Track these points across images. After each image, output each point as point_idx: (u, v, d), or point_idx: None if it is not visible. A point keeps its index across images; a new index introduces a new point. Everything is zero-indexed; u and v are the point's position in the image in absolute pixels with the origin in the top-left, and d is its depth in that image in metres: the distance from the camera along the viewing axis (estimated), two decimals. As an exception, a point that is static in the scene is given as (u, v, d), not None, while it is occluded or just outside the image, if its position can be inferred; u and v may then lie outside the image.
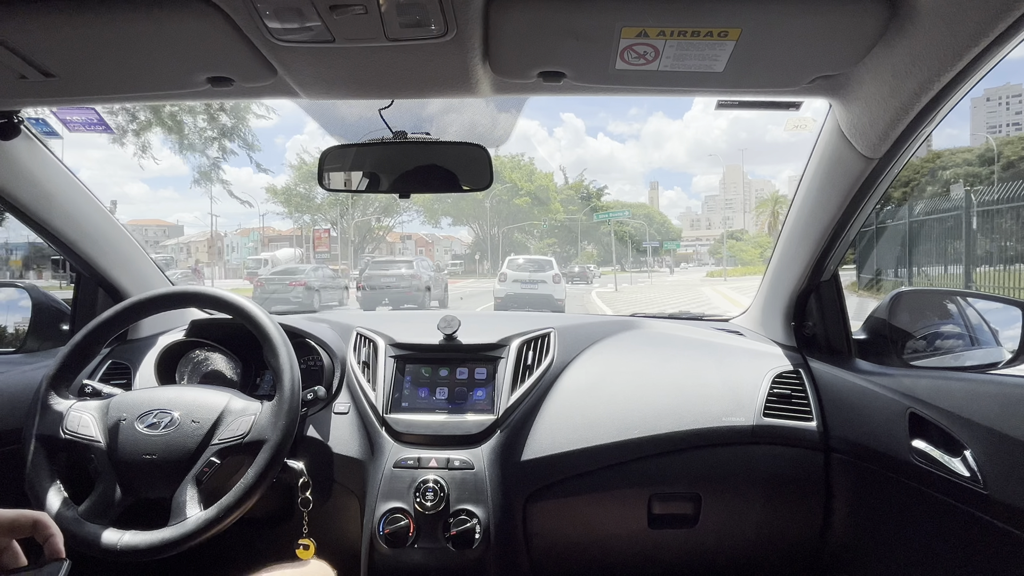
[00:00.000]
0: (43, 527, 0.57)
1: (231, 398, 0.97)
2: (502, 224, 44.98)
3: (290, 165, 39.96)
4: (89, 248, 1.31)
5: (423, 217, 44.59)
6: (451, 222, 46.63)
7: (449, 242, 62.78)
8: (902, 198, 15.61)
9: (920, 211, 10.56)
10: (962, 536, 0.86)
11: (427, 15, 0.70)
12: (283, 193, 35.67)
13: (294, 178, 35.95)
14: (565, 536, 1.17)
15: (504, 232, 45.54)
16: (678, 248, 43.89)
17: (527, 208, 44.26)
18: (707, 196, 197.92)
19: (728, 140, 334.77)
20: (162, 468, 0.91)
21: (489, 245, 45.69)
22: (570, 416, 1.16)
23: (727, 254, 44.45)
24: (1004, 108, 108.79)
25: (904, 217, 10.72)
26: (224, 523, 0.87)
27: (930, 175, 23.63)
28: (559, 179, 50.75)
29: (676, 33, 0.73)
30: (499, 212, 44.57)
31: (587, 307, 13.46)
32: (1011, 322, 0.99)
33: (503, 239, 46.14)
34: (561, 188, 48.40)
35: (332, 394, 1.20)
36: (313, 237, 31.47)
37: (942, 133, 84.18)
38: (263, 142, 15.93)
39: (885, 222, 11.16)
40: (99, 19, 0.72)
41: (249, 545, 1.21)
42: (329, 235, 31.74)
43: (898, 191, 16.85)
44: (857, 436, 1.07)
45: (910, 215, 10.61)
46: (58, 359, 0.99)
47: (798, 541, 1.18)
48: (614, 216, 35.88)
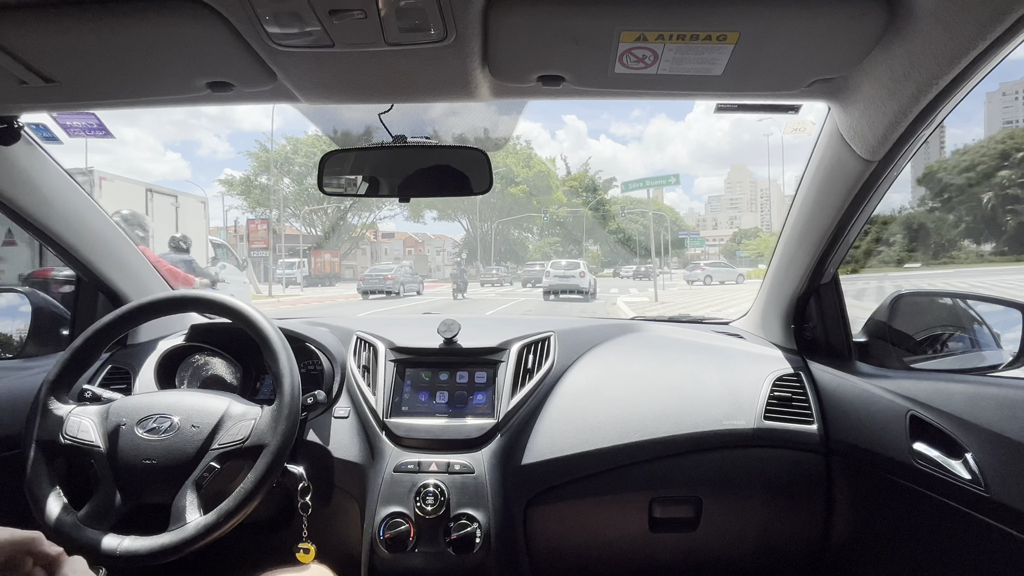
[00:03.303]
0: (40, 555, 0.55)
1: (231, 403, 0.97)
2: (495, 218, 40.32)
3: (248, 153, 36.60)
4: (89, 253, 1.31)
5: (407, 213, 40.79)
6: (436, 217, 42.58)
7: (441, 241, 59.34)
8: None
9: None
10: (963, 538, 0.86)
11: (426, 19, 0.70)
12: (241, 185, 32.23)
13: (254, 168, 32.68)
14: (566, 540, 1.17)
15: (498, 228, 40.96)
16: (703, 245, 40.54)
17: (524, 199, 39.59)
18: (710, 197, 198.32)
19: (731, 142, 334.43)
20: (162, 473, 0.90)
21: (480, 244, 41.19)
22: (570, 420, 1.16)
23: (740, 254, 43.06)
24: (1021, 102, 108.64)
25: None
26: (224, 528, 0.86)
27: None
28: (561, 170, 46.20)
29: (675, 37, 0.73)
30: (491, 204, 39.80)
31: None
32: (1011, 324, 0.99)
33: (498, 237, 41.58)
34: (563, 179, 44.21)
35: (332, 398, 1.20)
36: (248, 230, 25.00)
37: (948, 133, 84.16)
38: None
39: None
40: (99, 25, 0.73)
41: (249, 549, 1.21)
42: (269, 228, 25.33)
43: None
44: (858, 439, 1.07)
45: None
46: (58, 364, 0.99)
47: (799, 544, 1.18)
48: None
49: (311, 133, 35.10)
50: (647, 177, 24.21)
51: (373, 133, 1.09)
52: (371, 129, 1.09)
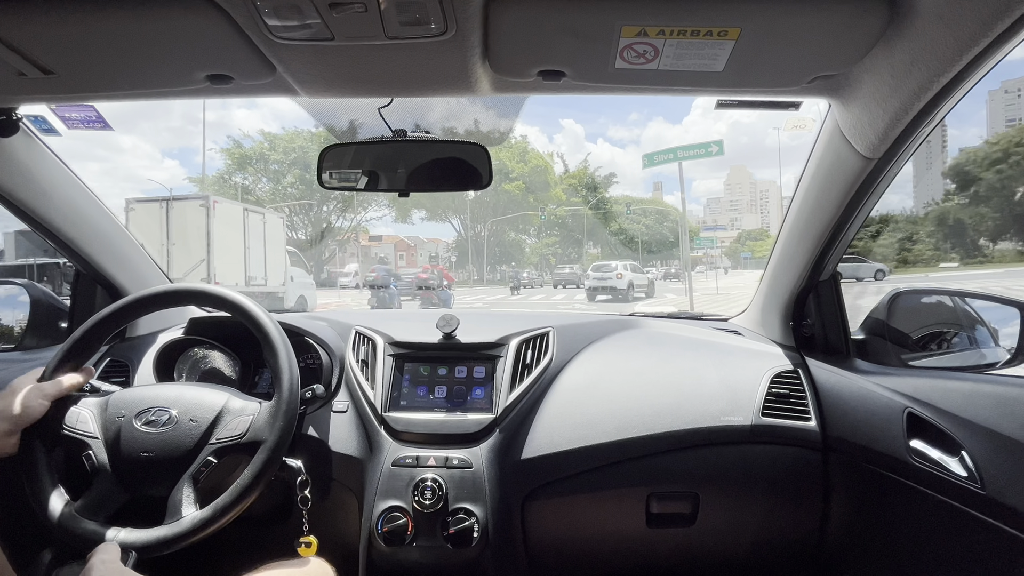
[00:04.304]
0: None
1: (230, 397, 0.97)
2: (489, 217, 37.38)
3: (222, 150, 31.42)
4: (87, 245, 1.31)
5: (394, 214, 37.76)
6: (424, 217, 39.36)
7: (435, 245, 55.70)
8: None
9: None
10: (959, 535, 0.87)
11: (427, 13, 0.70)
12: (214, 184, 28.94)
13: (228, 165, 29.57)
14: (563, 535, 1.18)
15: (492, 229, 38.10)
16: (715, 246, 36.59)
17: (520, 196, 36.63)
18: (709, 199, 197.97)
19: (728, 144, 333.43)
20: (159, 466, 0.90)
21: (472, 246, 38.40)
22: (569, 415, 1.16)
23: (745, 256, 41.08)
24: (1023, 100, 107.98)
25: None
26: (219, 523, 0.86)
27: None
28: (558, 167, 43.53)
29: (676, 32, 0.73)
30: (485, 203, 36.87)
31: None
32: (1009, 322, 1.00)
33: (492, 238, 38.58)
34: (562, 177, 41.59)
35: (331, 392, 1.20)
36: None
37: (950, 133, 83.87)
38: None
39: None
40: (98, 16, 0.72)
41: (249, 542, 1.21)
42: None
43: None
44: (855, 436, 1.07)
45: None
46: (58, 354, 0.99)
47: (796, 540, 1.18)
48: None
49: (290, 129, 32.39)
50: (679, 147, 19.49)
51: (373, 127, 1.09)
52: (370, 123, 1.09)
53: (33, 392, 0.91)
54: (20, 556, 0.89)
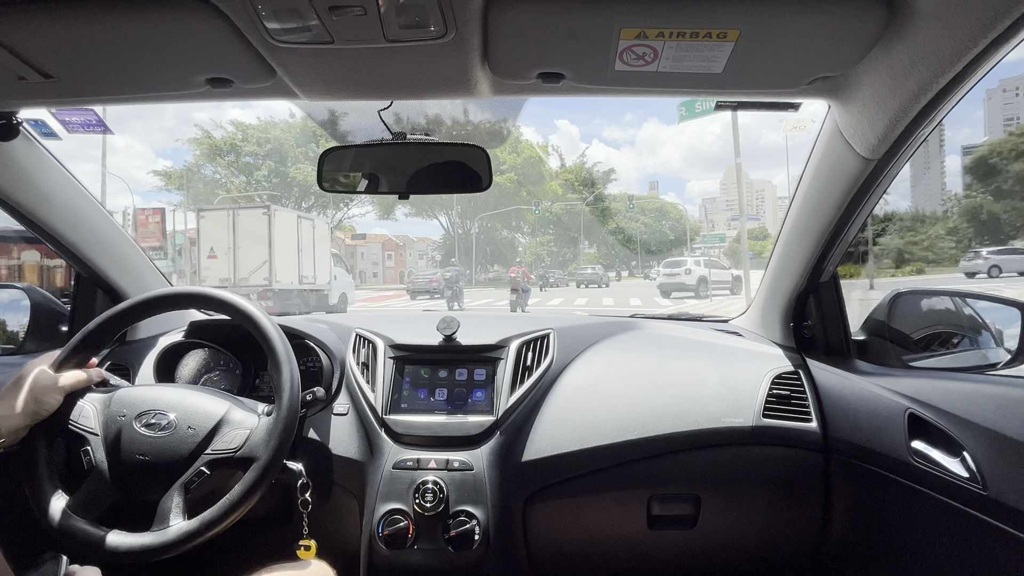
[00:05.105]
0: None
1: (231, 407, 0.96)
2: (479, 212, 35.14)
3: (190, 140, 28.50)
4: (88, 249, 1.31)
5: (378, 211, 35.56)
6: (409, 213, 37.05)
7: (424, 245, 53.86)
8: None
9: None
10: (961, 536, 0.86)
11: (426, 16, 0.70)
12: (180, 178, 26.61)
13: (197, 157, 27.15)
14: (564, 537, 1.17)
15: (482, 226, 35.93)
16: (723, 243, 35.82)
17: (512, 189, 34.18)
18: (704, 199, 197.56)
19: (723, 145, 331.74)
20: (153, 470, 0.90)
21: (462, 244, 35.92)
22: (569, 417, 1.16)
23: (749, 255, 40.44)
24: (1022, 98, 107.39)
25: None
26: (205, 536, 0.86)
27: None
28: (554, 162, 41.12)
29: (675, 34, 0.73)
30: (474, 197, 32.38)
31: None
32: (1010, 322, 0.99)
33: (483, 236, 36.41)
34: (558, 172, 39.57)
35: (331, 395, 1.20)
36: (136, 222, 17.32)
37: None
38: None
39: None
40: (98, 20, 0.72)
41: (249, 545, 1.21)
42: (162, 222, 18.22)
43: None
44: (856, 437, 1.07)
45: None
46: (70, 345, 0.98)
47: (797, 542, 1.18)
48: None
49: (264, 119, 29.08)
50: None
51: (372, 130, 1.08)
52: (370, 126, 1.09)
53: (50, 386, 0.92)
54: (20, 556, 0.89)
